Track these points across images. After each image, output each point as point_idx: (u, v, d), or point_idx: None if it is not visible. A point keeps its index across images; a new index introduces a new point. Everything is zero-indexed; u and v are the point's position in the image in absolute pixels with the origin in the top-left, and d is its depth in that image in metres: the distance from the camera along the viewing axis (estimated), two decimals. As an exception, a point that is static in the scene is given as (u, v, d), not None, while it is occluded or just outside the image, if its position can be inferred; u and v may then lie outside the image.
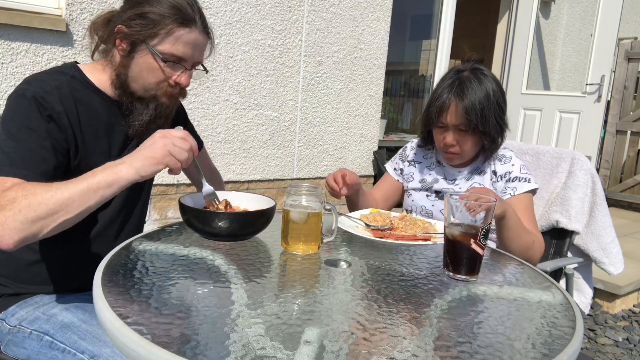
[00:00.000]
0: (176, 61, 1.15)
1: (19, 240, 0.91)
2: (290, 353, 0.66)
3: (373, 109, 3.85)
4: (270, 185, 3.41)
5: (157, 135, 1.00)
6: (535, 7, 4.67)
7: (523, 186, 1.52)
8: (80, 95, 1.14)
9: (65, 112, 1.09)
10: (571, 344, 0.75)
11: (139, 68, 1.15)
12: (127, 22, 1.12)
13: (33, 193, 0.92)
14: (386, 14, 3.77)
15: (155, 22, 1.11)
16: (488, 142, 1.51)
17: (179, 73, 1.17)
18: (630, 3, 6.09)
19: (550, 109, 4.57)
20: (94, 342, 1.03)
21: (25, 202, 0.91)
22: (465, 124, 1.46)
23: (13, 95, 1.07)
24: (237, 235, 1.12)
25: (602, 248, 1.79)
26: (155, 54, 1.13)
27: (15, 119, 1.05)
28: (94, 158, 1.15)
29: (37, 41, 2.37)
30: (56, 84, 1.11)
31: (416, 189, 1.68)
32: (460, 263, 0.99)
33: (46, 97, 1.07)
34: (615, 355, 2.44)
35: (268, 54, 3.20)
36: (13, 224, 0.90)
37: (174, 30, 1.12)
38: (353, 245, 1.18)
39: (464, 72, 1.50)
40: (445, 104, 1.47)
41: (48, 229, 0.93)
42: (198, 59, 1.19)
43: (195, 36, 1.15)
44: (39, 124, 1.05)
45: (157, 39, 1.12)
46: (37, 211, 0.91)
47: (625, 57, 4.81)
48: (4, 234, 0.90)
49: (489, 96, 1.46)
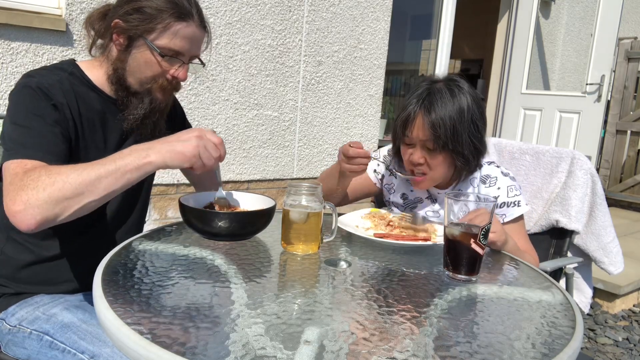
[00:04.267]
0: (174, 55, 1.15)
1: (42, 220, 0.90)
2: (290, 353, 0.66)
3: (373, 109, 3.85)
4: (270, 185, 3.41)
5: (195, 133, 0.99)
6: (535, 7, 4.67)
7: (512, 212, 1.39)
8: (79, 90, 1.15)
9: (68, 104, 1.10)
10: (571, 344, 0.75)
11: (137, 62, 1.15)
12: (124, 16, 1.12)
13: (57, 172, 0.92)
14: (386, 14, 3.77)
15: (152, 16, 1.11)
16: (460, 163, 1.34)
17: (176, 67, 1.17)
18: (630, 3, 6.09)
19: (550, 109, 4.57)
20: (94, 342, 1.03)
21: (49, 181, 0.90)
22: (433, 141, 1.30)
23: (16, 89, 1.08)
24: (237, 235, 1.12)
25: (602, 248, 1.79)
26: (153, 49, 1.13)
27: (22, 109, 1.05)
28: (91, 152, 1.15)
29: (37, 41, 2.37)
30: (57, 78, 1.11)
31: (398, 204, 1.55)
32: (460, 263, 0.99)
33: (50, 88, 1.08)
34: (615, 355, 2.44)
35: (268, 53, 3.20)
36: (36, 202, 0.89)
37: (172, 24, 1.12)
38: (353, 245, 1.18)
39: (437, 83, 1.35)
40: (410, 116, 1.31)
41: (71, 210, 0.92)
42: (195, 52, 1.19)
43: (192, 30, 1.15)
44: (47, 111, 1.06)
45: (154, 33, 1.12)
46: (63, 190, 0.90)
47: (625, 57, 4.81)
48: (27, 213, 0.89)
49: (462, 111, 1.29)
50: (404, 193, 1.53)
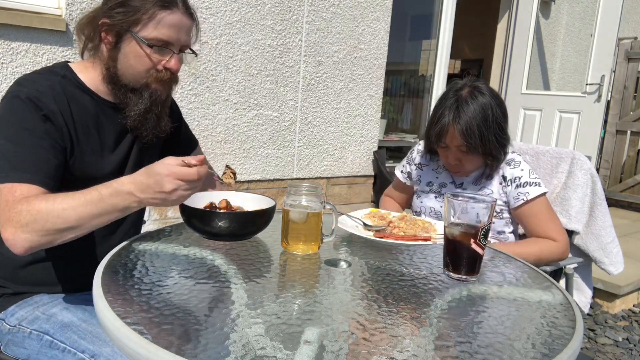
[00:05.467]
0: (163, 45, 1.13)
1: (30, 249, 0.97)
2: (290, 353, 0.66)
3: (373, 109, 3.85)
4: (270, 185, 3.41)
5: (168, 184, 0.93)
6: (535, 7, 4.67)
7: (535, 190, 1.53)
8: (72, 94, 1.14)
9: (60, 111, 1.09)
10: (571, 344, 0.75)
11: (127, 58, 1.14)
12: (109, 12, 1.12)
13: (40, 210, 0.95)
14: (386, 14, 3.77)
15: (136, 8, 1.10)
16: (490, 161, 1.54)
17: (167, 58, 1.16)
18: (630, 3, 6.09)
19: (550, 109, 4.57)
20: (94, 342, 1.03)
21: (31, 218, 0.95)
22: (465, 146, 1.49)
23: (6, 98, 1.07)
24: (237, 235, 1.12)
25: (602, 248, 1.79)
26: (140, 41, 1.12)
27: (12, 121, 1.05)
28: (87, 157, 1.15)
29: (37, 41, 2.37)
30: (48, 83, 1.10)
31: (424, 191, 1.71)
32: (460, 263, 0.99)
33: (40, 97, 1.07)
34: (615, 355, 2.44)
35: (268, 53, 3.20)
36: (22, 235, 0.95)
37: (156, 13, 1.11)
38: (353, 245, 1.18)
39: (462, 91, 1.51)
40: (444, 128, 1.50)
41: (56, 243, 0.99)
42: (185, 42, 1.17)
43: (178, 17, 1.14)
44: (36, 125, 1.05)
45: (140, 25, 1.11)
46: (47, 225, 0.95)
47: (625, 57, 4.81)
48: (16, 243, 0.96)
49: (487, 117, 1.48)
50: (430, 181, 1.71)
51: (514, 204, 1.55)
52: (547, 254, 1.51)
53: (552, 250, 1.52)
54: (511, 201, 1.56)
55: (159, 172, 0.93)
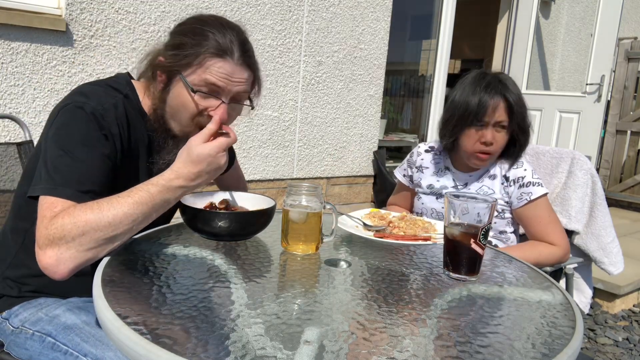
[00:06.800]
0: (208, 92, 1.09)
1: (73, 269, 0.92)
2: (290, 353, 0.66)
3: (373, 109, 3.85)
4: (270, 185, 3.41)
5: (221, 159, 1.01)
6: (535, 7, 4.67)
7: (537, 190, 1.54)
8: (131, 116, 1.13)
9: (120, 134, 1.08)
10: (571, 344, 0.75)
11: (174, 102, 1.11)
12: (165, 53, 1.10)
13: (88, 220, 0.91)
14: (386, 14, 3.77)
15: (189, 52, 1.08)
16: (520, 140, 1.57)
17: (214, 106, 1.10)
18: (630, 3, 6.09)
19: (550, 109, 4.57)
20: (97, 345, 1.02)
21: (77, 232, 0.90)
22: (508, 121, 1.52)
23: (70, 107, 1.05)
24: (237, 235, 1.12)
25: (602, 248, 1.79)
26: (186, 84, 1.09)
27: (72, 133, 1.02)
28: (122, 180, 1.11)
29: (37, 41, 2.37)
30: (113, 101, 1.09)
31: (425, 193, 1.72)
32: (460, 263, 0.99)
33: (105, 115, 1.05)
34: (615, 355, 2.44)
35: (268, 53, 3.20)
36: (67, 253, 0.90)
37: (207, 59, 1.07)
38: (353, 245, 1.18)
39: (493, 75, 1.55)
40: (487, 103, 1.50)
41: (100, 255, 0.94)
42: (236, 92, 1.12)
43: (230, 66, 1.09)
44: (96, 143, 1.03)
45: (190, 69, 1.08)
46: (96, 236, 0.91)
47: (625, 57, 4.81)
48: (58, 266, 0.90)
49: (520, 96, 1.54)
50: (431, 184, 1.71)
51: (517, 204, 1.55)
52: (546, 259, 1.51)
53: (551, 254, 1.52)
54: (514, 201, 1.56)
55: (208, 153, 0.99)
